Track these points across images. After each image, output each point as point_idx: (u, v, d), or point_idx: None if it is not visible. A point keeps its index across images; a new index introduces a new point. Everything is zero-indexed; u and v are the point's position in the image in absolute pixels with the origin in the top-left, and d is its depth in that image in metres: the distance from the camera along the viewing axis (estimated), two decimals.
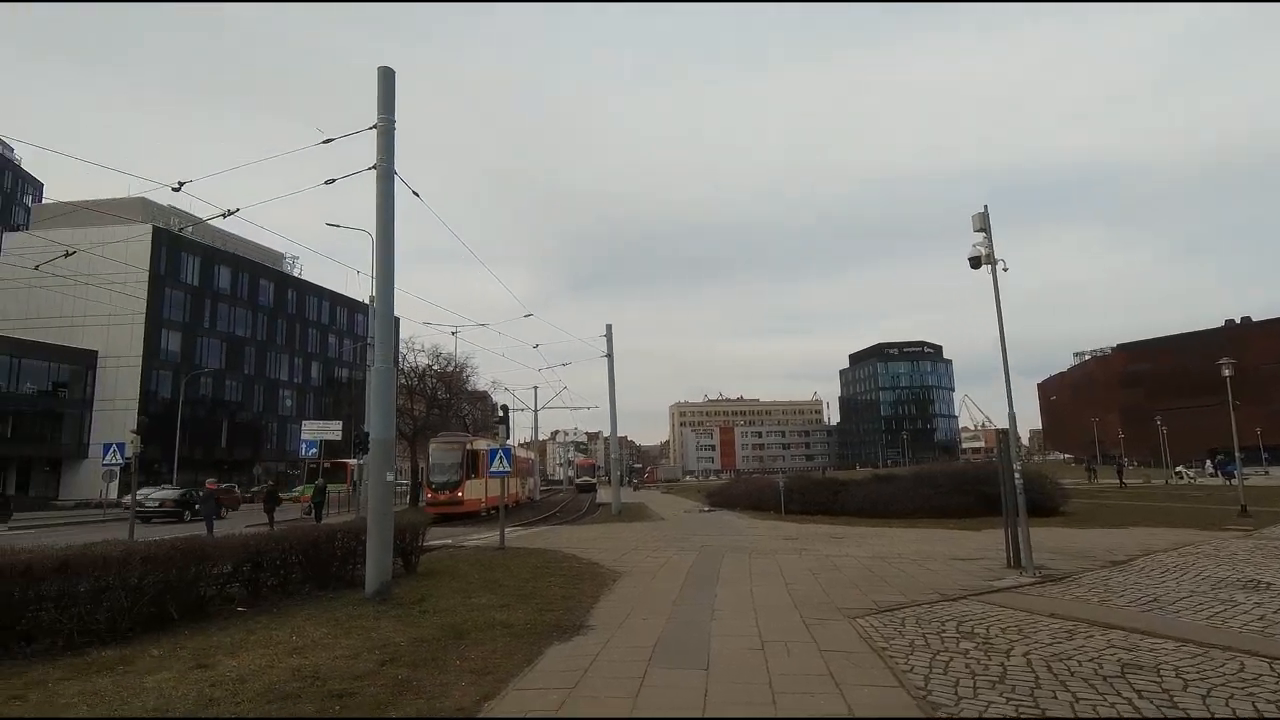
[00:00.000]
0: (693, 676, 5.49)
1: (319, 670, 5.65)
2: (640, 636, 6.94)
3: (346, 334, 76.13)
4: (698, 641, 6.69)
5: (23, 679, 5.44)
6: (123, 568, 6.87)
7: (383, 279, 9.86)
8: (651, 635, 6.97)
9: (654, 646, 6.49)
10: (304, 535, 9.83)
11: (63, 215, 53.65)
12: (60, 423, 51.62)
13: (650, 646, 6.50)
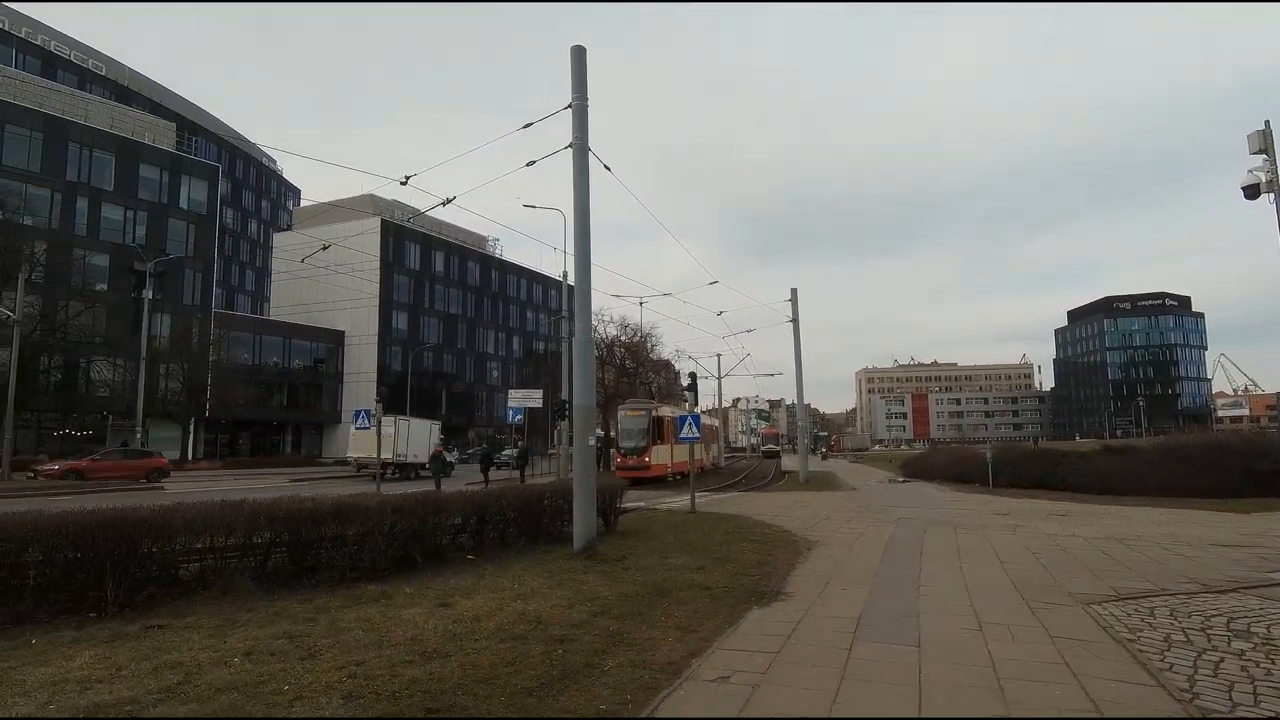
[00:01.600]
0: (903, 653, 5.25)
1: (540, 616, 6.18)
2: (842, 607, 6.77)
3: (542, 309, 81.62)
4: (905, 617, 6.38)
5: (312, 604, 6.55)
6: (379, 516, 7.99)
7: (580, 252, 10.33)
8: (854, 607, 6.77)
9: (858, 619, 6.30)
10: (518, 494, 10.78)
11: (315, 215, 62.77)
12: (320, 392, 61.07)
13: (854, 618, 6.31)
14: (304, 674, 4.55)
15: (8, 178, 41.01)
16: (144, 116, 53.67)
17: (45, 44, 58.83)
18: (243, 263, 75.90)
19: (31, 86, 46.68)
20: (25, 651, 5.05)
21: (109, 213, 46.43)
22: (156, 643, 5.26)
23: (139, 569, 6.50)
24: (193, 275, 50.13)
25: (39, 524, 6.07)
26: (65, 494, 21.31)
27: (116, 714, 3.85)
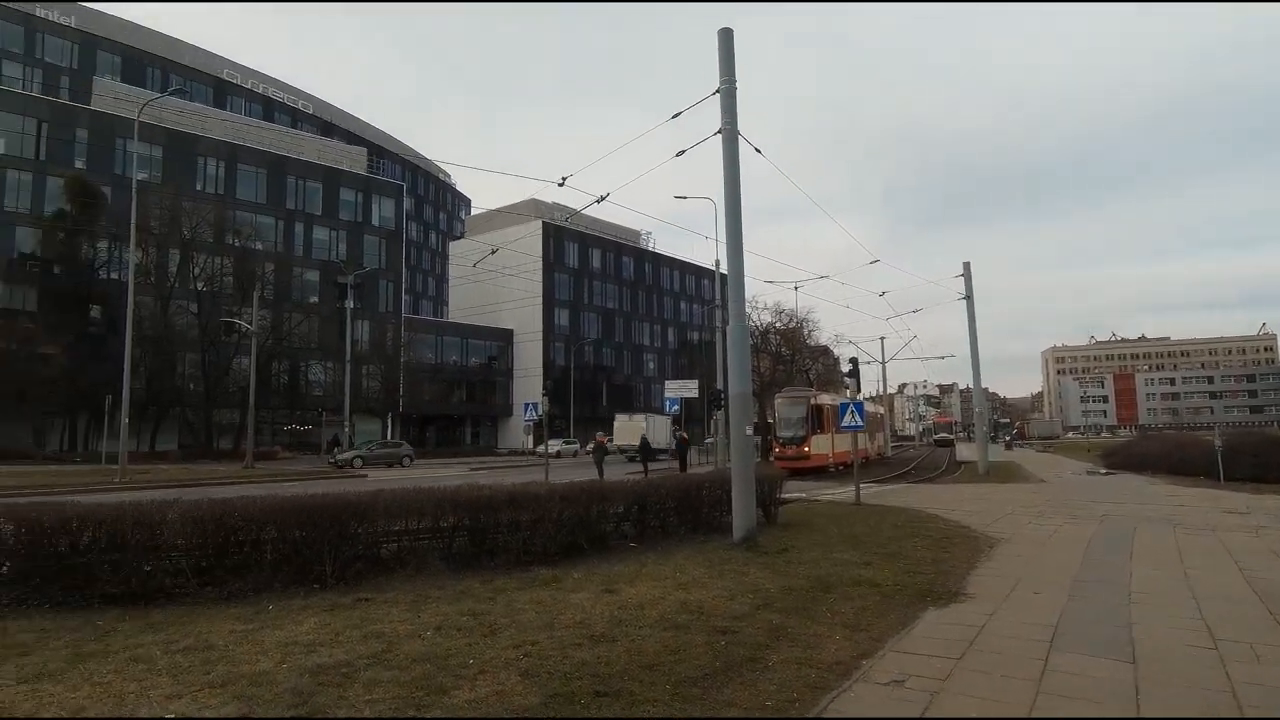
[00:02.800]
0: (1114, 668, 4.65)
1: (702, 606, 6.21)
2: (1034, 613, 6.14)
3: (695, 299, 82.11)
4: (1114, 627, 5.65)
5: (491, 585, 7.06)
6: (549, 504, 8.44)
7: (732, 239, 10.20)
8: (1049, 613, 6.11)
9: (1054, 626, 5.68)
10: (677, 483, 10.91)
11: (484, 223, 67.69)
12: (494, 388, 65.83)
13: (1049, 625, 5.70)
14: (485, 650, 4.90)
15: (241, 210, 48.12)
16: (342, 146, 60.74)
17: (265, 91, 68.31)
18: (424, 271, 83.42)
19: (257, 130, 54.47)
20: (264, 616, 5.89)
21: (318, 234, 53.09)
22: (364, 613, 5.93)
23: (349, 547, 7.36)
24: (385, 285, 55.94)
25: (274, 507, 7.07)
26: (291, 480, 24.71)
27: (335, 675, 4.37)
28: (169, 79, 57.20)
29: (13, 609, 5.99)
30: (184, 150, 47.12)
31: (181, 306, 42.22)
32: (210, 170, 48.79)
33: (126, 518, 6.43)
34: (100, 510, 6.52)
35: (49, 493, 17.19)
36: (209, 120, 51.44)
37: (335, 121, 73.20)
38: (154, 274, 41.17)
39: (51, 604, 6.10)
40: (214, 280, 44.09)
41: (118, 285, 36.49)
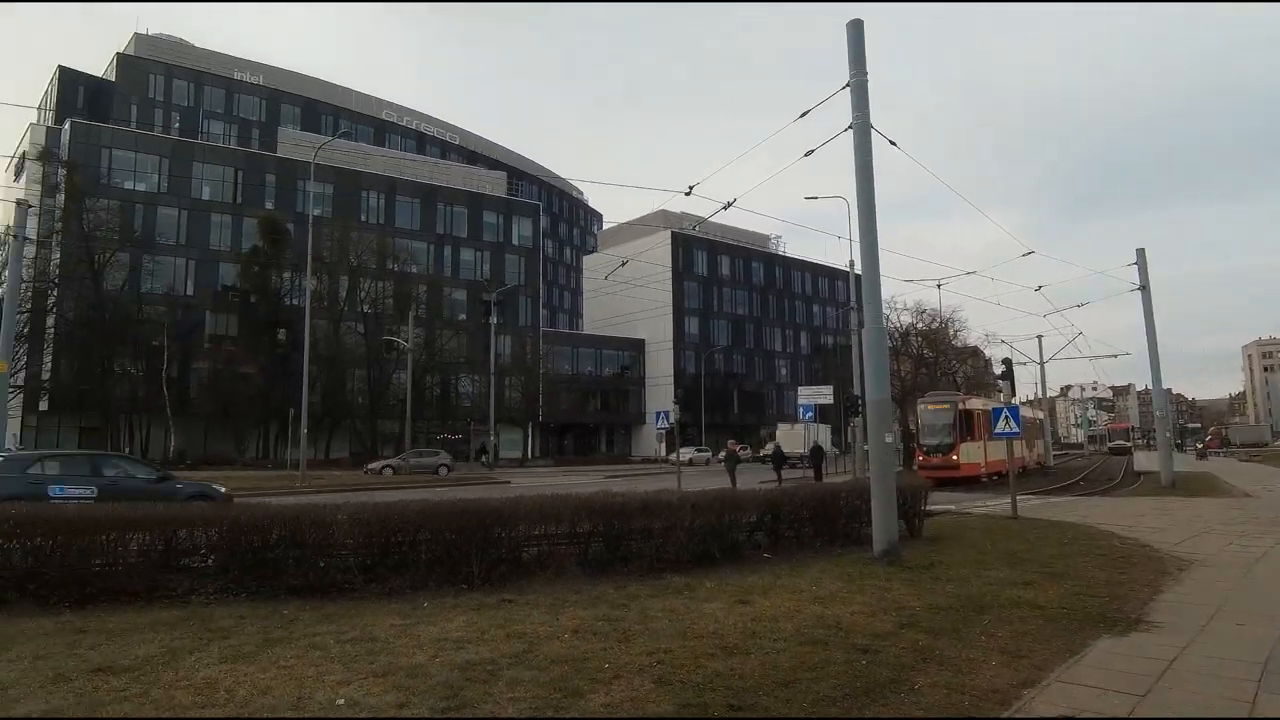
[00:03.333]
0: None
1: (840, 622, 5.96)
2: (1237, 647, 5.34)
3: (829, 302, 79.57)
4: None
5: (625, 591, 7.18)
6: (680, 512, 8.48)
7: (866, 238, 9.78)
8: (1257, 648, 5.29)
9: (1263, 664, 4.91)
10: (812, 493, 10.58)
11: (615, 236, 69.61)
12: (627, 397, 67.28)
13: (1257, 663, 4.93)
14: (620, 655, 4.99)
15: (399, 237, 52.65)
16: (485, 173, 65.00)
17: (418, 126, 74.54)
18: (560, 285, 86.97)
19: (411, 163, 59.54)
20: (420, 612, 6.35)
21: (464, 255, 57.01)
22: (508, 614, 6.23)
23: (494, 550, 7.77)
24: (525, 301, 58.96)
25: (427, 511, 7.62)
26: (442, 485, 26.57)
27: (480, 672, 4.63)
28: (339, 123, 63.94)
29: (217, 597, 6.86)
30: (350, 186, 52.42)
31: (350, 327, 46.84)
32: (372, 202, 53.89)
33: (305, 519, 7.19)
34: (285, 511, 7.34)
35: (245, 495, 19.61)
36: (371, 157, 56.93)
37: (479, 150, 78.38)
38: (327, 299, 45.99)
39: (247, 594, 6.92)
40: (377, 303, 48.56)
41: (299, 310, 41.11)
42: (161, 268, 45.29)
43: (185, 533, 7.12)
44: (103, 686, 4.30)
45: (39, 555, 6.52)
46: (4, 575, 6.44)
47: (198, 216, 47.79)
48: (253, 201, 49.26)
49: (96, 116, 52.52)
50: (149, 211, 45.82)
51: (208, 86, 61.65)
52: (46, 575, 6.47)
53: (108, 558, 6.78)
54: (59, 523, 6.63)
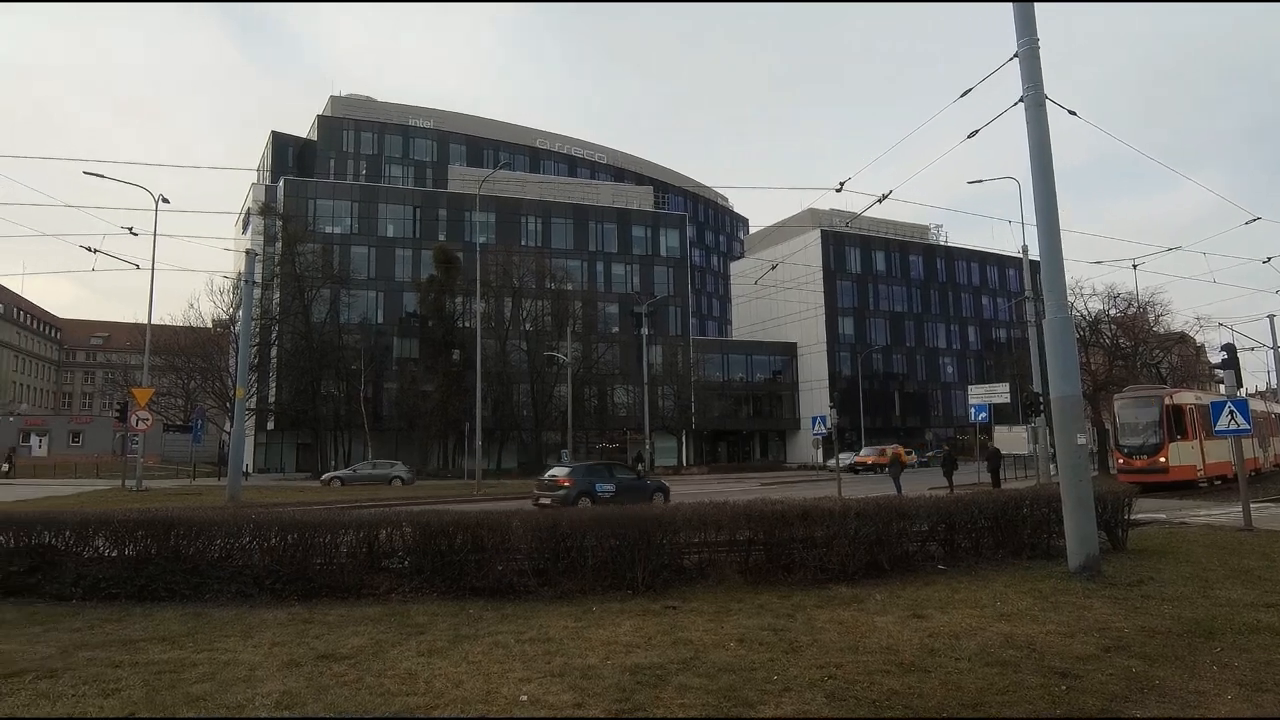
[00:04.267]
0: None
1: (1032, 642, 5.45)
2: None
3: (999, 292, 73.15)
4: None
5: (789, 600, 7.04)
6: (843, 520, 8.18)
7: (1045, 218, 8.88)
8: None
9: None
10: (991, 500, 9.77)
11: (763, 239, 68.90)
12: (780, 402, 65.90)
13: None
14: (789, 667, 4.90)
15: (555, 257, 55.57)
16: (632, 188, 67.05)
17: (569, 150, 78.53)
18: (708, 293, 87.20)
19: (564, 185, 62.86)
20: (589, 616, 6.62)
21: (615, 270, 58.98)
22: (672, 620, 6.34)
23: (655, 557, 7.94)
24: (674, 311, 59.81)
25: (592, 518, 7.97)
26: None
27: (649, 676, 4.74)
28: (499, 155, 68.80)
29: (412, 595, 7.58)
30: (511, 213, 56.20)
31: (515, 345, 50.01)
32: (530, 226, 57.39)
33: (485, 525, 7.77)
34: (466, 518, 7.98)
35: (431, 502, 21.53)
36: (528, 184, 60.79)
37: (626, 167, 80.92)
38: (494, 320, 49.47)
39: (437, 593, 7.58)
40: (537, 320, 51.49)
41: (470, 332, 44.58)
42: (356, 300, 51.12)
43: (384, 535, 7.95)
44: (326, 671, 4.91)
45: (274, 554, 7.59)
46: (246, 573, 7.56)
47: (384, 252, 53.51)
48: (428, 234, 54.30)
49: (302, 172, 60.67)
50: (344, 251, 51.98)
51: (388, 135, 68.98)
52: (280, 572, 7.50)
53: (325, 557, 7.75)
54: (289, 524, 7.68)
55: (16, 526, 7.53)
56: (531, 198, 58.49)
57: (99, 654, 5.30)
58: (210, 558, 7.54)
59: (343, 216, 53.43)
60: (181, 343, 45.91)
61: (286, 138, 67.65)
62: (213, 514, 8.51)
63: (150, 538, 7.49)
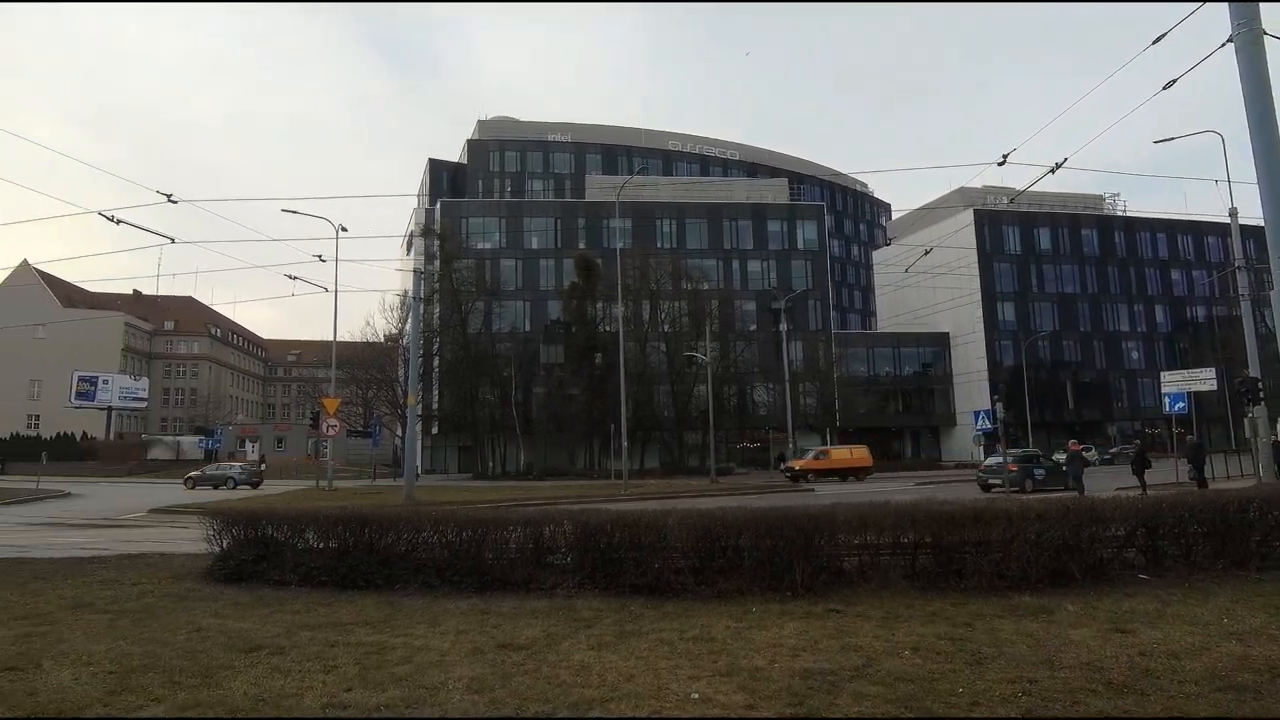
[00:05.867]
0: None
1: (1275, 665, 4.70)
2: None
3: (1194, 264, 64.27)
4: None
5: (965, 609, 6.56)
6: (1022, 523, 7.52)
7: (1266, 173, 7.67)
8: None
9: None
10: (1206, 502, 8.57)
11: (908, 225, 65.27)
12: (932, 396, 61.96)
13: None
14: (974, 679, 4.57)
15: (690, 258, 55.87)
16: (766, 182, 65.99)
17: (701, 150, 78.83)
18: (849, 285, 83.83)
19: (697, 186, 63.12)
20: (750, 616, 6.56)
21: (751, 266, 58.28)
22: (837, 625, 6.13)
23: (814, 558, 7.72)
24: (814, 305, 58.07)
25: (746, 518, 7.89)
26: (749, 493, 27.22)
27: (821, 682, 4.61)
28: (632, 162, 70.37)
29: (576, 591, 7.87)
30: (646, 217, 57.23)
31: (654, 347, 50.83)
32: (665, 229, 58.13)
33: (641, 523, 7.93)
34: (623, 516, 8.19)
35: (584, 501, 22.37)
36: (661, 187, 61.66)
37: (759, 161, 79.82)
38: (633, 323, 50.56)
39: (599, 589, 7.82)
40: (675, 322, 51.99)
41: (610, 336, 45.85)
42: (506, 310, 54.30)
43: (548, 532, 8.34)
44: (507, 660, 5.22)
45: (451, 548, 8.20)
46: (429, 565, 8.22)
47: (529, 263, 56.46)
48: (569, 243, 56.59)
49: (455, 193, 65.50)
50: (494, 264, 55.44)
51: (529, 152, 72.74)
52: (457, 565, 8.09)
53: (496, 552, 8.26)
54: (464, 520, 8.27)
55: (245, 521, 8.71)
56: (665, 200, 59.21)
57: (317, 634, 5.98)
58: (398, 551, 8.28)
59: (492, 232, 56.99)
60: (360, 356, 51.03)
61: (441, 163, 73.25)
62: (396, 511, 9.37)
63: (348, 532, 8.36)
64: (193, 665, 5.08)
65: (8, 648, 5.59)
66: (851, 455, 39.39)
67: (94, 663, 5.17)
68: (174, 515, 20.10)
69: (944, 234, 46.66)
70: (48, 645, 5.68)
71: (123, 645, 5.65)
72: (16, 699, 4.40)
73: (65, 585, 8.28)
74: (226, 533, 8.73)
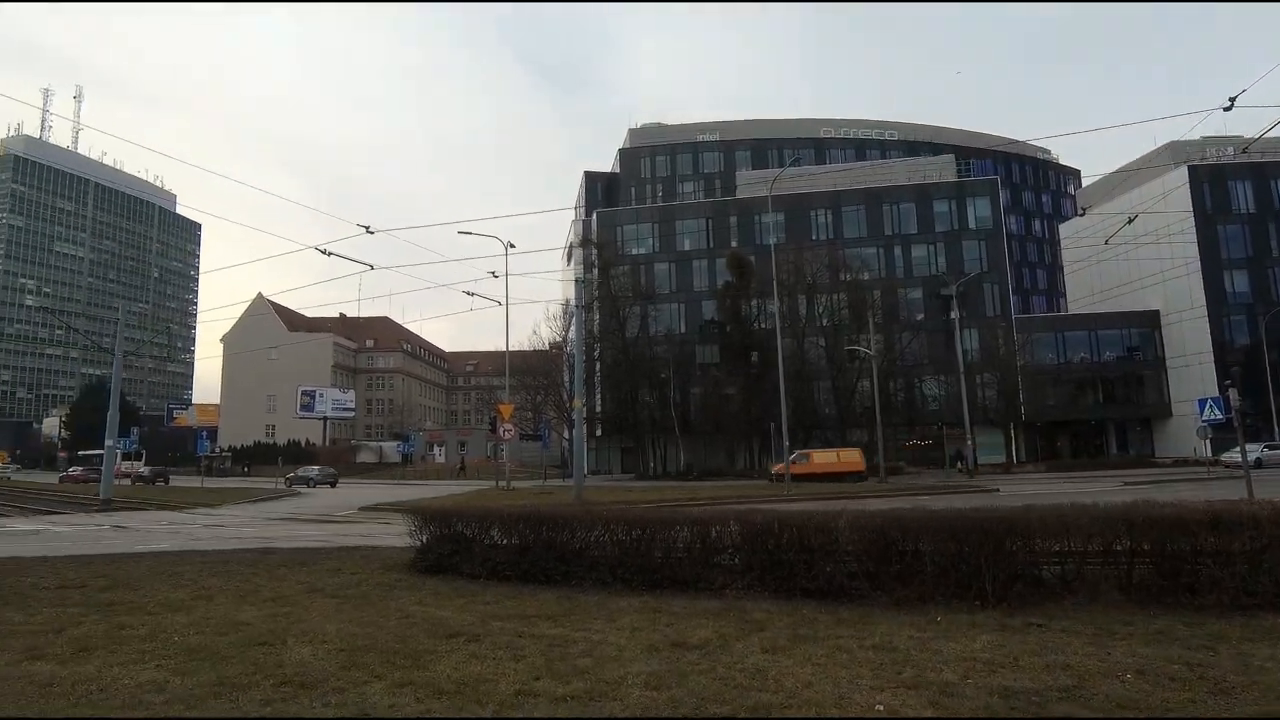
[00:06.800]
0: None
1: None
2: None
3: None
4: None
5: (1202, 629, 5.68)
6: (1274, 529, 6.37)
7: None
8: None
9: None
10: None
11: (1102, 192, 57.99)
12: (1140, 384, 54.39)
13: None
14: (1222, 713, 3.94)
15: (848, 247, 53.60)
16: (929, 161, 61.84)
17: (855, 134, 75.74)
18: (1031, 264, 76.15)
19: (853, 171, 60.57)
20: (935, 626, 6.13)
21: (916, 252, 54.79)
22: (1040, 640, 5.55)
23: (1007, 565, 7.06)
24: (990, 289, 53.34)
25: (925, 520, 7.39)
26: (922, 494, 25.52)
27: (1024, 701, 4.20)
28: (782, 154, 68.91)
29: (745, 592, 7.80)
30: (799, 209, 55.77)
31: (813, 342, 49.32)
32: (820, 220, 56.30)
33: (809, 524, 7.70)
34: (790, 517, 8.00)
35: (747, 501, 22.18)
36: (815, 177, 59.85)
37: (920, 139, 75.05)
38: (789, 319, 49.39)
39: (769, 592, 7.69)
40: (834, 315, 50.09)
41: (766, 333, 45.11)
42: (661, 313, 55.32)
43: (714, 533, 8.34)
44: (681, 659, 5.28)
45: (622, 547, 8.47)
46: (602, 563, 8.53)
47: (682, 265, 57.12)
48: (721, 243, 56.53)
49: (609, 202, 67.84)
50: (649, 269, 56.71)
51: (679, 155, 73.71)
52: (628, 562, 8.34)
53: (664, 551, 8.40)
54: (634, 520, 8.51)
55: (440, 519, 9.58)
56: (819, 190, 57.26)
57: (506, 625, 6.44)
58: (573, 548, 8.69)
59: (645, 238, 58.34)
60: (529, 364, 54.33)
61: (595, 174, 76.29)
62: (569, 510, 9.84)
63: (528, 529, 8.91)
64: (404, 648, 5.66)
65: (261, 625, 6.56)
66: (839, 459, 35.97)
67: (327, 641, 5.93)
68: (379, 513, 22.55)
69: (1149, 198, 40.94)
70: (291, 624, 6.59)
71: (348, 627, 6.43)
72: (269, 668, 5.14)
73: (301, 572, 9.57)
74: (425, 529, 9.64)
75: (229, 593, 8.17)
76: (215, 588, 8.48)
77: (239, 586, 8.56)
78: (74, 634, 6.26)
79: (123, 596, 8.01)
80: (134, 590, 8.38)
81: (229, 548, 13.14)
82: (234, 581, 8.90)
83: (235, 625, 6.52)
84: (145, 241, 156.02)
